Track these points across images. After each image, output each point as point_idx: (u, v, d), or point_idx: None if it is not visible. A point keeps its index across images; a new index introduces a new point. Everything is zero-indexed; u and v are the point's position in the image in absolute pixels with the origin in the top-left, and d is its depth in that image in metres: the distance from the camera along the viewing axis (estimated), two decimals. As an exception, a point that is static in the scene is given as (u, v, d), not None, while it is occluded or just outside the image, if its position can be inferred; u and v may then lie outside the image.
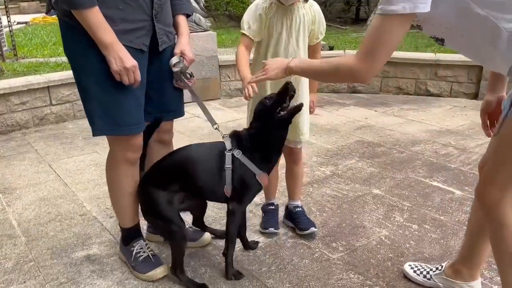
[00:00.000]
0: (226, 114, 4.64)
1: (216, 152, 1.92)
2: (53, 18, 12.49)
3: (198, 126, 4.28)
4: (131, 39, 1.77)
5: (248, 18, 2.14)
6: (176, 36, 2.02)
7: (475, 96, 5.08)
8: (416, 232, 2.38)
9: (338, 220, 2.53)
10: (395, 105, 4.95)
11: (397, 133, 4.00)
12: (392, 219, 2.52)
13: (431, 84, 5.26)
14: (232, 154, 1.89)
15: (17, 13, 14.52)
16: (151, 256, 2.07)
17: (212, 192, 1.97)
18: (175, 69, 1.97)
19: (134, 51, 1.79)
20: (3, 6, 6.63)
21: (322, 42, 6.07)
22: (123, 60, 1.69)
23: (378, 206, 2.68)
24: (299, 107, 1.88)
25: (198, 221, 2.30)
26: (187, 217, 2.22)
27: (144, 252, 2.08)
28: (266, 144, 1.93)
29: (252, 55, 2.27)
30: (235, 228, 2.01)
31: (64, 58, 5.71)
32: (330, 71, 1.56)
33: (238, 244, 2.29)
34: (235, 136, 1.97)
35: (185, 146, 2.01)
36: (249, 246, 2.25)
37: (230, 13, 10.60)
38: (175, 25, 2.03)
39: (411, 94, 5.36)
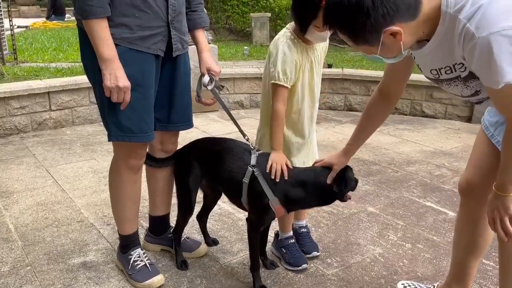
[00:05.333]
0: (224, 127, 4.68)
1: (246, 159, 1.95)
2: (54, 24, 12.52)
3: (196, 138, 4.29)
4: (148, 45, 1.83)
5: (285, 68, 1.93)
6: (197, 53, 2.06)
7: (469, 119, 5.17)
8: (410, 251, 2.42)
9: (333, 236, 2.56)
10: (390, 124, 5.02)
11: (392, 152, 4.06)
12: (386, 237, 2.56)
13: (426, 105, 5.35)
14: (253, 171, 1.90)
15: (17, 16, 14.54)
16: (148, 265, 2.08)
17: (231, 193, 2.06)
18: (210, 87, 2.04)
19: (150, 57, 1.85)
20: (6, 9, 6.66)
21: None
22: (117, 78, 1.72)
23: (373, 224, 2.72)
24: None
25: (204, 214, 2.39)
26: (185, 229, 2.26)
27: (141, 260, 2.09)
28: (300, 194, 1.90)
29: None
30: (253, 249, 2.03)
31: (65, 64, 5.77)
32: (367, 110, 1.92)
33: (235, 256, 2.32)
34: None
35: (229, 139, 2.10)
36: (265, 265, 2.22)
37: (230, 27, 10.70)
38: (195, 41, 2.09)
39: (406, 115, 5.44)
